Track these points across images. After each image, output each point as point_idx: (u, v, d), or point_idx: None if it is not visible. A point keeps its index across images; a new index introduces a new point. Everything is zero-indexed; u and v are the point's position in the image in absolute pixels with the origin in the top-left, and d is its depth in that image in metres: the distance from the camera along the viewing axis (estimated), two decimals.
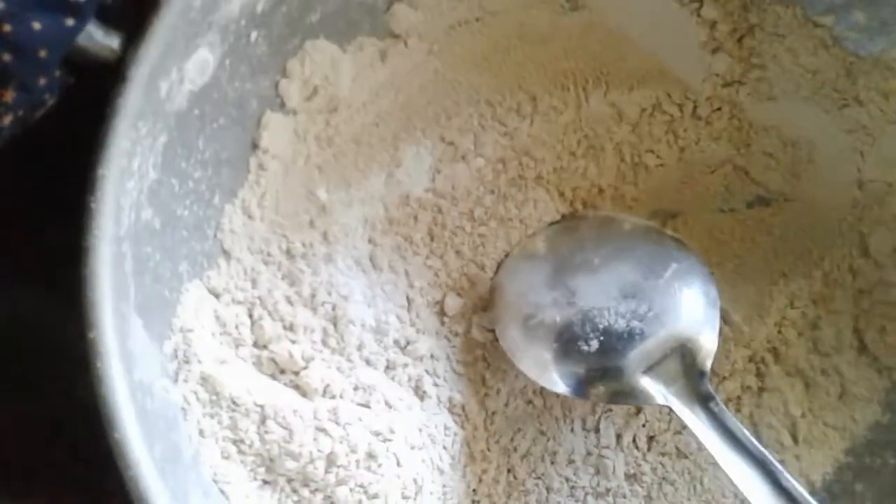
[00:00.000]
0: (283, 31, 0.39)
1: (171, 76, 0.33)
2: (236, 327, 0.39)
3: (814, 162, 0.45)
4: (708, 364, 0.41)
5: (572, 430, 0.45)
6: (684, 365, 0.41)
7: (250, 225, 0.40)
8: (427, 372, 0.43)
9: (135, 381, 0.32)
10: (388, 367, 0.42)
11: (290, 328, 0.40)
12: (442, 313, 0.44)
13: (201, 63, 0.35)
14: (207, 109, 0.36)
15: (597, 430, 0.45)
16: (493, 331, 0.44)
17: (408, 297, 0.44)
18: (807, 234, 0.46)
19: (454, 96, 0.45)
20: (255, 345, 0.39)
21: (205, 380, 0.36)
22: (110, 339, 0.31)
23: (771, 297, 0.46)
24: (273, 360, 0.39)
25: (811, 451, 0.45)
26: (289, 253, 0.41)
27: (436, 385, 0.43)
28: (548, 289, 0.44)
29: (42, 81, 0.32)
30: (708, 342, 0.41)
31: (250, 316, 0.40)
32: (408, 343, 0.43)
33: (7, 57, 0.30)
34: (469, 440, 0.43)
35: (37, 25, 0.30)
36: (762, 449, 0.38)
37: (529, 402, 0.44)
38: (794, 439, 0.45)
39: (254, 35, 0.37)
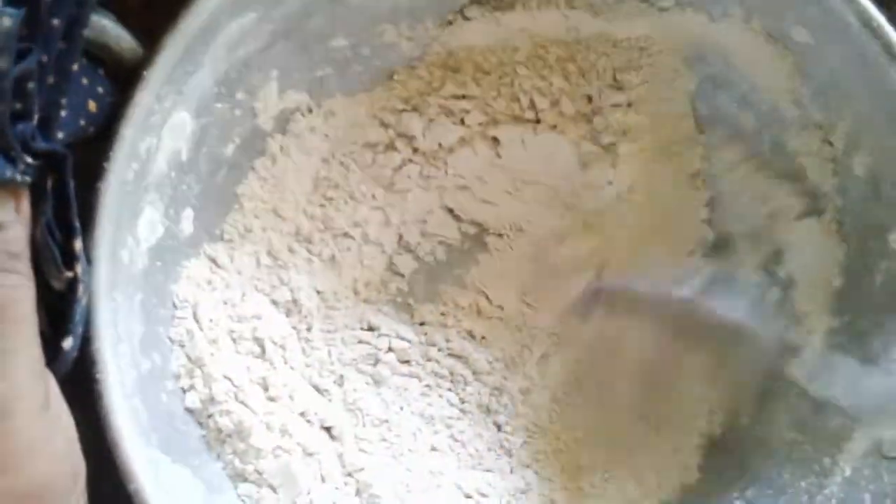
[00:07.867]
0: (209, 167, 0.44)
1: (127, 244, 0.39)
2: None
3: None
4: None
5: None
6: None
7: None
8: None
9: None
10: None
11: None
12: None
13: (149, 222, 0.40)
14: (167, 257, 0.42)
15: None
16: None
17: None
18: None
19: None
20: None
21: None
22: None
23: None
24: None
25: None
26: None
27: None
28: None
29: None
30: None
31: None
32: None
33: None
34: None
35: None
36: None
37: None
38: None
39: (187, 180, 0.43)
